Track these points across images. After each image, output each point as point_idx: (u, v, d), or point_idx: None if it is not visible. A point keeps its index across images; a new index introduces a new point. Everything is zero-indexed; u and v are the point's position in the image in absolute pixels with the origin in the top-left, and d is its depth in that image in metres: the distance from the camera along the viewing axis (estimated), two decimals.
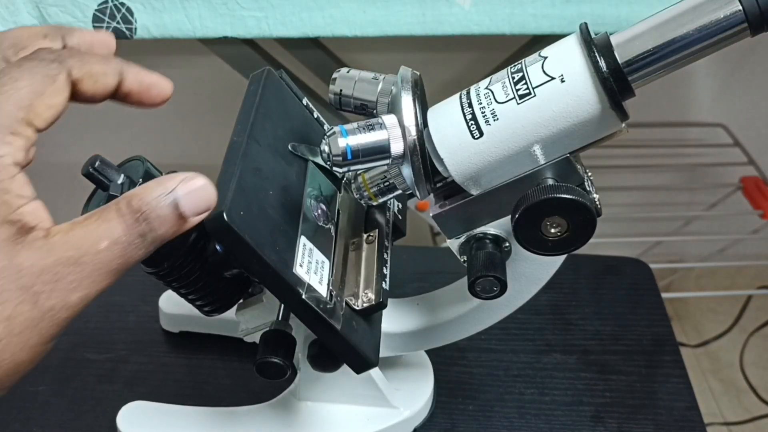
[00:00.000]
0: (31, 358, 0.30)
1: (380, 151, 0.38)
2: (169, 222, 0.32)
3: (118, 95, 0.35)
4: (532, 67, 0.36)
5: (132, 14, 0.78)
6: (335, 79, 0.43)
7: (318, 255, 0.41)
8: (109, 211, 0.31)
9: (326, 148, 0.37)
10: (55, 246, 0.29)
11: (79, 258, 0.30)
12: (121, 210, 0.31)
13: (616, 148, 1.21)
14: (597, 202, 0.38)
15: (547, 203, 0.36)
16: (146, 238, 0.31)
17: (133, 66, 0.35)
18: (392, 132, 0.38)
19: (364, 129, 0.37)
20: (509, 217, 0.37)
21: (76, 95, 0.33)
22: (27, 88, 0.30)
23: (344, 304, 0.42)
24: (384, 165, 0.39)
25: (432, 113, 0.39)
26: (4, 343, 0.28)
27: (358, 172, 0.45)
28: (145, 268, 0.39)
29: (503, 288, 0.40)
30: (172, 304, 0.61)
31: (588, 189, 0.38)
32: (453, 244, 0.42)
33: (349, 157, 0.37)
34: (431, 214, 0.41)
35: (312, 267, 0.40)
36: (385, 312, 0.45)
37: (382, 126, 0.38)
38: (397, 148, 0.38)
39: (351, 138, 0.37)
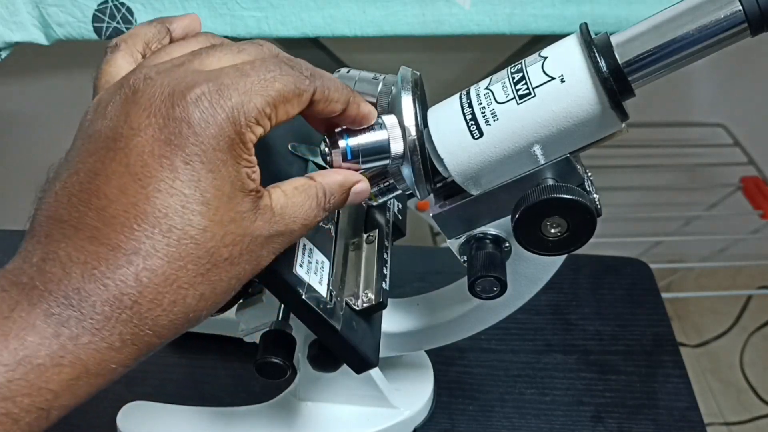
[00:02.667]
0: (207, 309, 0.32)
1: (380, 151, 0.38)
2: (339, 207, 0.36)
3: (331, 118, 0.36)
4: (532, 67, 0.36)
5: (132, 14, 0.78)
6: None
7: (318, 255, 0.41)
8: (313, 190, 0.34)
9: (326, 149, 0.37)
10: (277, 218, 0.32)
11: (286, 231, 0.33)
12: (319, 192, 0.34)
13: (616, 148, 1.21)
14: (597, 202, 0.38)
15: (547, 203, 0.36)
16: (320, 218, 0.35)
17: (357, 96, 0.36)
18: (392, 132, 0.38)
19: (364, 129, 0.37)
20: (509, 217, 0.37)
21: (302, 110, 0.34)
22: (278, 91, 0.31)
23: (344, 304, 0.42)
24: (384, 165, 0.39)
25: (432, 113, 0.39)
26: (215, 301, 0.31)
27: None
28: None
29: (503, 288, 0.40)
30: None
31: (588, 189, 0.38)
32: (453, 244, 0.42)
33: (349, 157, 0.37)
34: (431, 214, 0.41)
35: (312, 267, 0.40)
36: (385, 312, 0.45)
37: (382, 126, 0.38)
38: (397, 148, 0.38)
39: (351, 138, 0.37)
